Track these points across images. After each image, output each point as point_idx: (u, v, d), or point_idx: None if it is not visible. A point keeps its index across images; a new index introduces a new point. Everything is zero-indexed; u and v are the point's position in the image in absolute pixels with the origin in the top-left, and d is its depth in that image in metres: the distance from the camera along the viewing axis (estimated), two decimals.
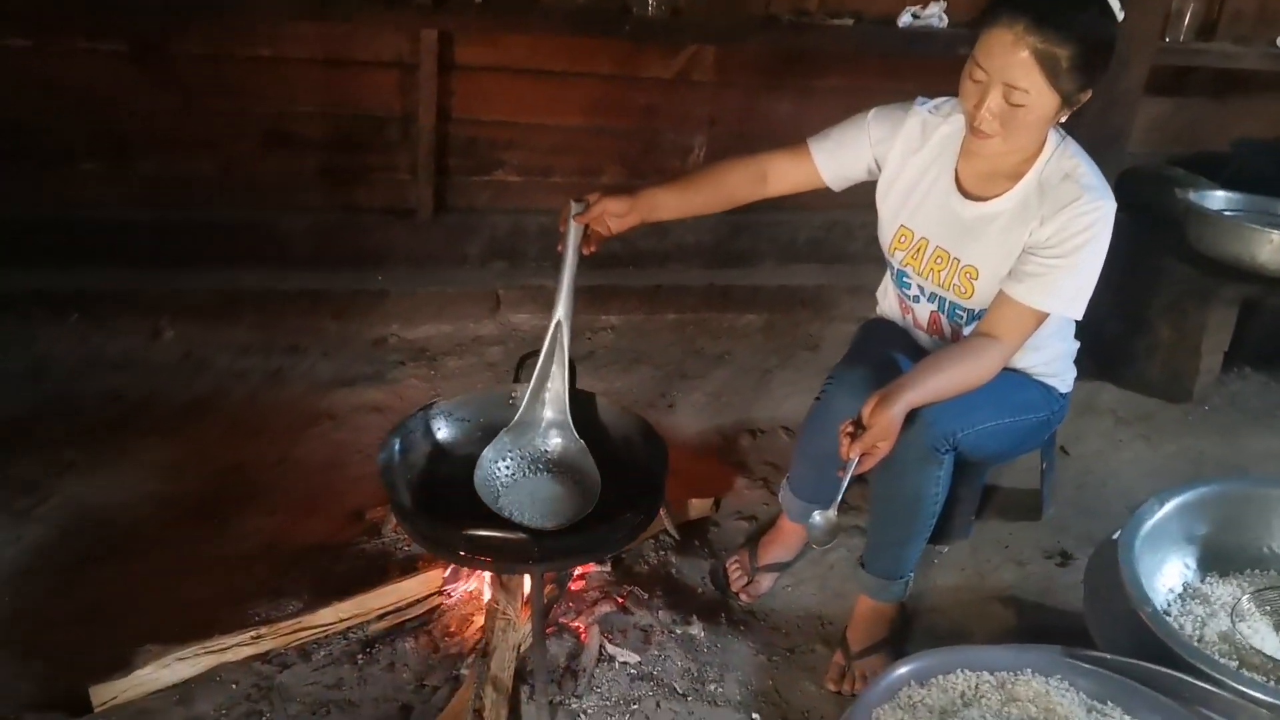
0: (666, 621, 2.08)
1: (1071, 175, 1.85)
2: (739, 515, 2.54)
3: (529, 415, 1.98)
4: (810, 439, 2.15)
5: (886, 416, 1.73)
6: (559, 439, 1.98)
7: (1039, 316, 1.85)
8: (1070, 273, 1.83)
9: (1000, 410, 1.99)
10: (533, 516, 1.85)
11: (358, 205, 3.39)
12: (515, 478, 1.94)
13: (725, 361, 3.34)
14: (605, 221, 1.95)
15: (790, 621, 2.22)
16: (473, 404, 2.09)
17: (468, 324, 3.35)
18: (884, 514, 2.03)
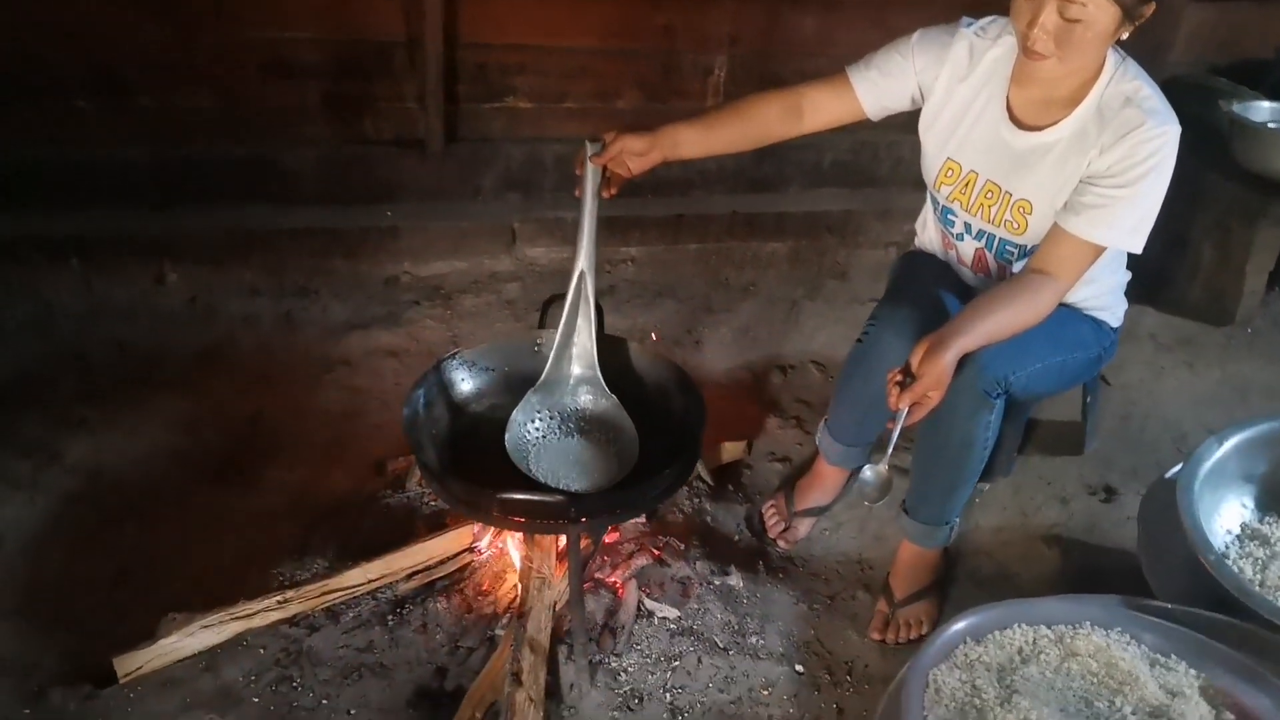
0: (704, 573, 2.04)
1: (1133, 99, 1.73)
2: (772, 456, 2.49)
3: (556, 372, 1.91)
4: (852, 383, 2.07)
5: (939, 365, 1.65)
6: (589, 396, 1.92)
7: (1096, 251, 1.76)
8: (1131, 204, 1.73)
9: (1053, 349, 1.91)
10: (568, 478, 1.79)
11: (364, 137, 3.28)
12: (547, 439, 1.88)
13: (751, 293, 3.26)
14: (624, 162, 1.85)
15: (830, 568, 2.18)
16: (497, 352, 2.03)
17: (483, 260, 3.26)
18: (932, 460, 1.97)
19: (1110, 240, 1.73)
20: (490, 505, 1.65)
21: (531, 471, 1.78)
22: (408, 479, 2.18)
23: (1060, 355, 1.92)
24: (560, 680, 1.79)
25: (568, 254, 3.27)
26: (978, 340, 1.72)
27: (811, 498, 2.29)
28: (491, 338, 2.80)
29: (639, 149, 1.83)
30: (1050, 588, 2.14)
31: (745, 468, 2.43)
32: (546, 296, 3.04)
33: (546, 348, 2.00)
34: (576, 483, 1.78)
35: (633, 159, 1.85)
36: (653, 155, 1.85)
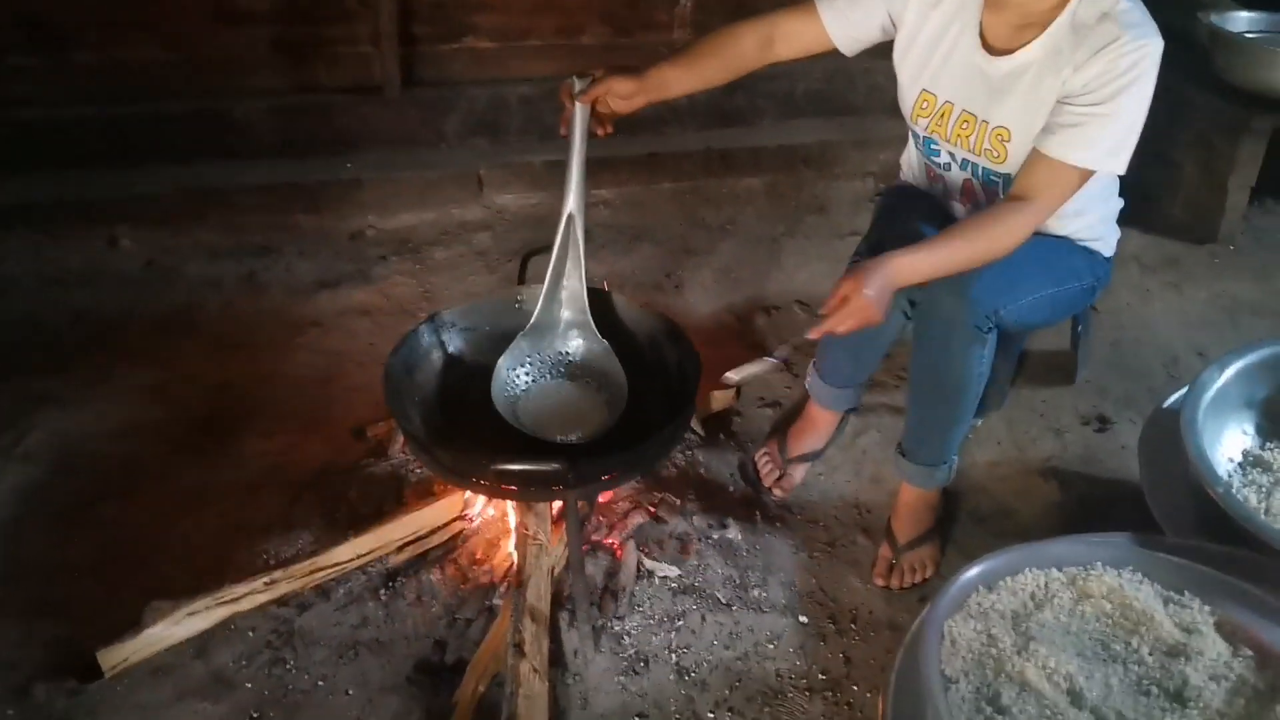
0: (702, 527, 2.01)
1: (1110, 13, 1.65)
2: (762, 402, 2.46)
3: (546, 317, 1.86)
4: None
5: (857, 300, 1.60)
6: (580, 340, 1.87)
7: (1076, 172, 1.68)
8: (1109, 122, 1.65)
9: (1045, 280, 1.87)
10: (556, 427, 1.76)
11: (319, 84, 3.17)
12: (535, 384, 1.84)
13: (730, 232, 3.20)
14: (609, 102, 1.78)
15: (828, 514, 2.16)
16: (477, 311, 1.96)
17: (450, 209, 3.18)
18: (926, 399, 1.95)
19: (1088, 161, 1.67)
20: (483, 474, 1.60)
21: (519, 420, 1.74)
22: (391, 444, 2.13)
23: (1052, 286, 1.89)
24: (564, 647, 1.76)
25: (538, 200, 3.26)
26: (922, 272, 1.66)
27: (804, 443, 2.26)
28: (467, 294, 2.77)
29: (626, 92, 1.76)
30: (1050, 522, 2.13)
31: (735, 415, 2.39)
32: (519, 245, 3.04)
33: (528, 304, 1.95)
34: (564, 432, 1.75)
35: (619, 100, 1.78)
36: (639, 98, 1.79)
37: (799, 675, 1.80)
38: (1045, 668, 1.39)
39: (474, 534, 1.91)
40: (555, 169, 3.17)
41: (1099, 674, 1.39)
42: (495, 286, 2.82)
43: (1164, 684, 1.38)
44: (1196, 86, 3.23)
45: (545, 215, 3.21)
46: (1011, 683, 1.38)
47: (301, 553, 1.90)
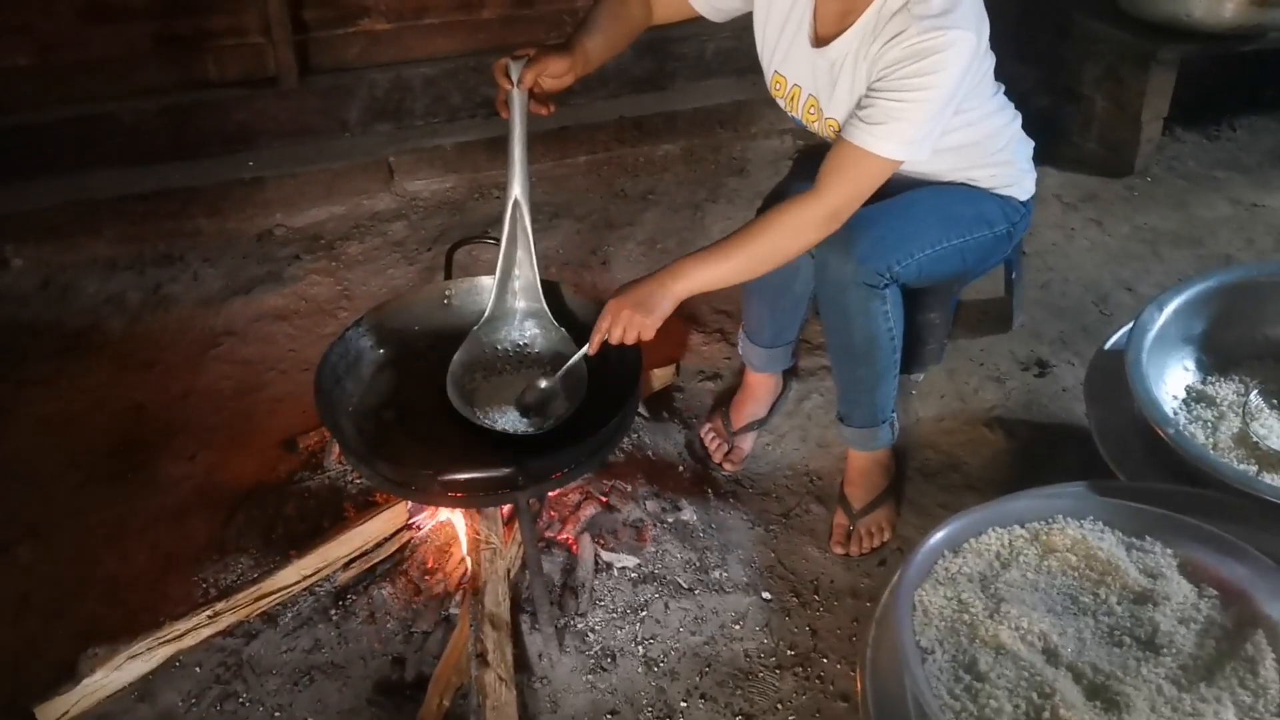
0: (656, 512, 1.99)
1: (910, 3, 1.61)
2: (702, 375, 2.44)
3: (500, 309, 1.83)
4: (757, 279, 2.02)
5: (622, 321, 1.64)
6: (537, 330, 1.84)
7: (873, 160, 1.63)
8: (905, 109, 1.60)
9: (946, 231, 1.87)
10: (514, 418, 1.73)
11: (209, 80, 3.03)
12: (491, 379, 1.80)
13: (651, 201, 3.16)
14: (543, 82, 1.73)
15: (780, 484, 2.15)
16: (404, 311, 1.90)
17: (361, 201, 3.09)
18: (844, 362, 1.95)
19: (884, 150, 1.62)
20: (429, 485, 1.55)
21: (477, 417, 1.70)
22: (325, 455, 2.06)
23: (959, 237, 1.88)
24: (527, 651, 1.73)
25: (451, 184, 3.18)
26: (702, 283, 1.66)
27: (747, 412, 2.25)
28: (388, 289, 2.70)
29: (558, 70, 1.72)
30: (1000, 471, 2.15)
31: (677, 391, 2.37)
32: (435, 233, 2.97)
33: (457, 299, 1.91)
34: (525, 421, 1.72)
35: (551, 80, 1.73)
36: (568, 77, 1.74)
37: (768, 654, 1.79)
38: (1018, 629, 1.39)
39: (423, 543, 1.86)
40: (466, 151, 3.13)
41: (1071, 629, 1.40)
42: (417, 280, 2.76)
43: (1135, 632, 1.39)
44: (1101, 20, 3.27)
45: (461, 200, 3.13)
46: (987, 648, 1.38)
47: (242, 579, 1.83)
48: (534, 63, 1.70)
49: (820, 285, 1.86)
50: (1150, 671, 1.32)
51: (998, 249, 2.01)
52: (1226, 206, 3.12)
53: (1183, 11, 3.03)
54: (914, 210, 1.85)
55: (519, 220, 1.77)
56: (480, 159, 3.15)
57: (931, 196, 1.88)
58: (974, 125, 1.81)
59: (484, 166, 3.15)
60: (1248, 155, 3.41)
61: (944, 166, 1.88)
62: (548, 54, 1.70)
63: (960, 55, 1.59)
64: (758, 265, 1.68)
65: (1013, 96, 1.95)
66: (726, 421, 2.23)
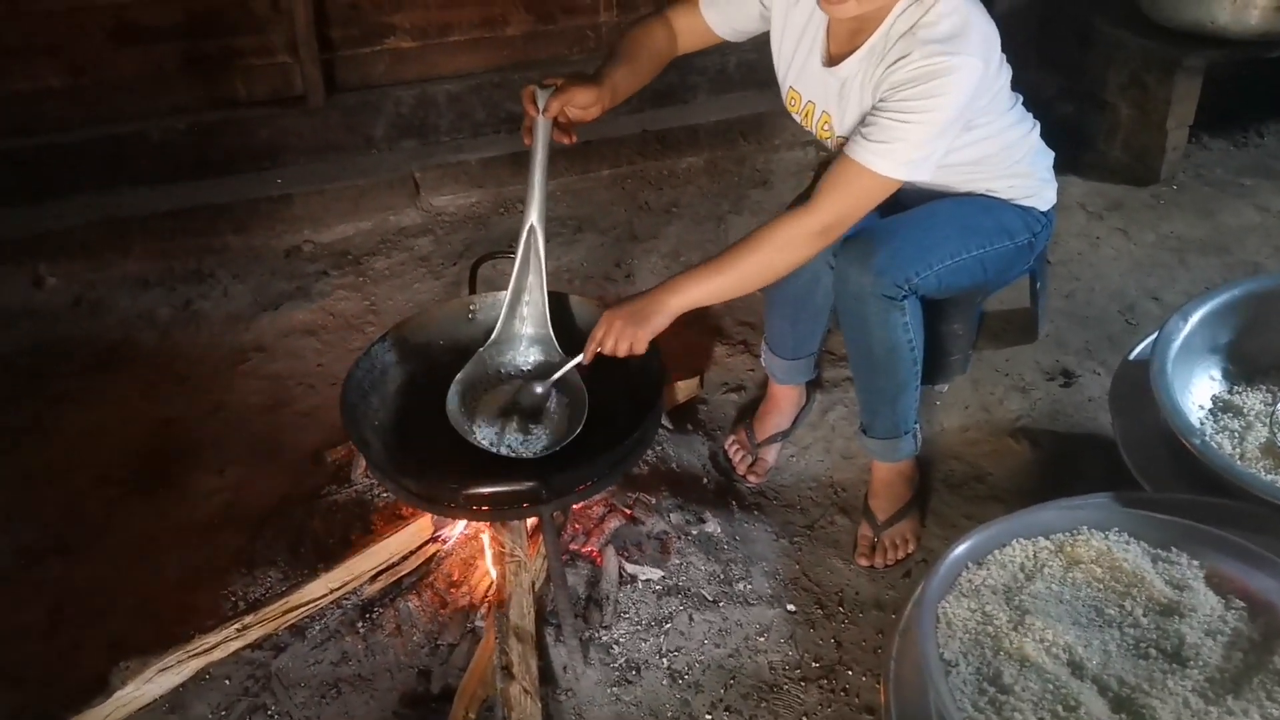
0: (680, 524, 1.99)
1: (916, 28, 1.62)
2: (726, 387, 2.44)
3: (506, 333, 1.84)
4: (775, 288, 2.06)
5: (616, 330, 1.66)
6: (540, 356, 1.85)
7: (869, 177, 1.63)
8: (905, 130, 1.60)
9: (966, 242, 1.86)
10: (516, 441, 1.73)
11: (237, 99, 3.08)
12: (494, 403, 1.80)
13: (675, 214, 3.17)
14: (569, 112, 1.76)
15: (804, 496, 2.15)
16: (429, 326, 1.92)
17: (387, 216, 3.12)
18: (865, 373, 1.96)
19: (882, 168, 1.62)
20: (454, 499, 1.56)
21: (475, 437, 1.71)
22: (352, 469, 2.08)
23: (978, 248, 1.88)
24: (552, 664, 1.73)
25: (476, 198, 3.21)
26: (695, 299, 1.67)
27: (771, 424, 2.26)
28: (414, 304, 2.72)
29: (585, 102, 1.74)
30: (1025, 482, 2.14)
31: (701, 404, 2.38)
32: (461, 247, 2.99)
33: (481, 314, 1.93)
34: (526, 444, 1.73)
35: (577, 110, 1.76)
36: (595, 108, 1.77)
37: (792, 666, 1.79)
38: (1043, 641, 1.39)
39: (448, 556, 1.88)
40: (491, 166, 3.16)
41: (1096, 641, 1.39)
42: (443, 295, 2.78)
43: (1161, 644, 1.39)
44: (1124, 27, 3.26)
45: (485, 214, 3.16)
46: (1011, 660, 1.37)
47: (270, 592, 1.85)
48: (561, 92, 1.72)
49: (840, 297, 1.86)
50: (1177, 684, 1.31)
51: (1019, 259, 2.01)
52: (1254, 214, 3.09)
53: (1208, 18, 3.02)
54: (933, 221, 1.85)
55: (533, 246, 1.79)
56: (504, 174, 3.18)
57: (951, 207, 1.89)
58: (990, 139, 1.81)
59: (508, 181, 3.18)
60: (1275, 162, 3.38)
61: (962, 178, 1.89)
62: (575, 85, 1.73)
63: (964, 81, 1.60)
64: (750, 280, 1.69)
65: (1034, 104, 1.94)
66: (750, 433, 2.24)
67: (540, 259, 1.79)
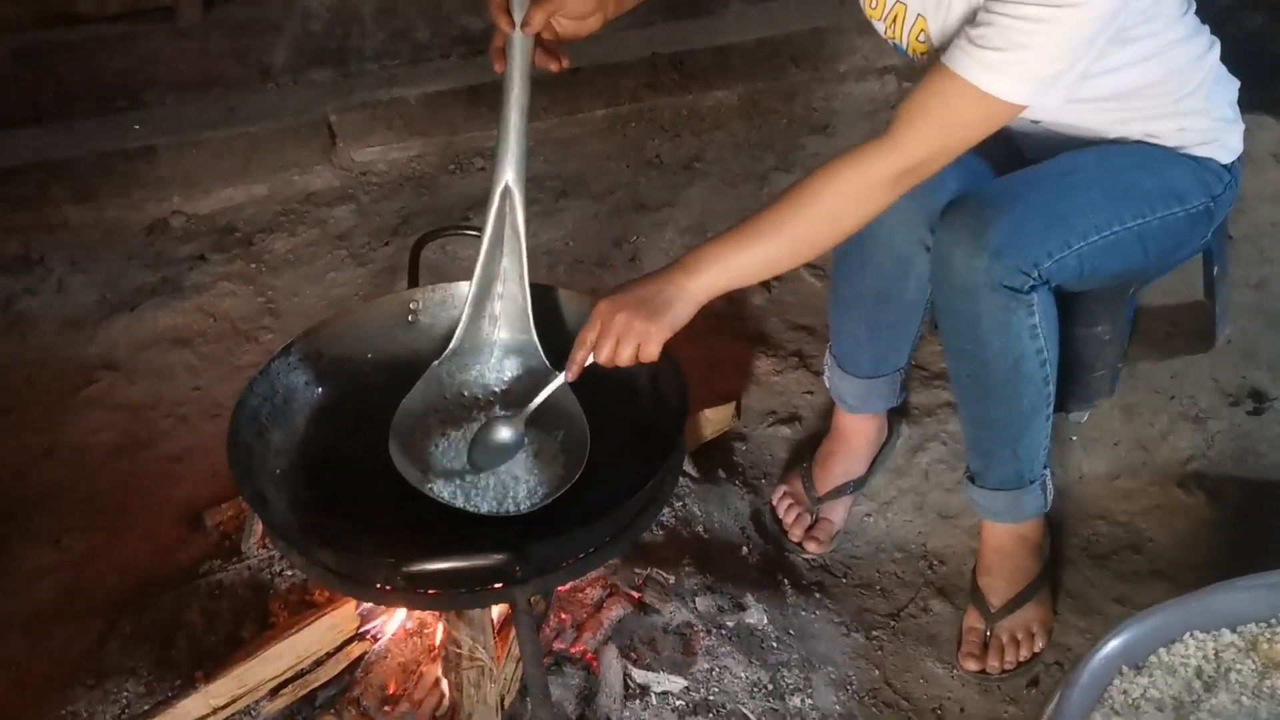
0: (709, 612, 2.00)
1: None
2: (774, 418, 2.46)
3: (471, 340, 1.85)
4: (846, 281, 2.08)
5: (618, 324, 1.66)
6: (520, 370, 1.86)
7: (972, 94, 1.62)
8: (1025, 33, 1.60)
9: (1118, 210, 1.85)
10: (490, 494, 1.74)
11: (80, 13, 3.10)
12: (456, 436, 1.82)
13: (698, 172, 3.20)
14: (558, 25, 1.77)
15: (885, 572, 2.17)
16: (353, 332, 1.93)
17: (290, 177, 3.15)
18: (975, 398, 1.96)
19: (998, 87, 1.61)
20: (390, 579, 1.57)
21: (435, 489, 1.72)
22: (244, 537, 2.08)
23: (1133, 219, 1.87)
24: None
25: (417, 151, 3.22)
26: (727, 278, 1.68)
27: (838, 469, 2.27)
28: (331, 303, 2.73)
29: (581, 9, 1.76)
30: (1203, 551, 2.15)
31: (738, 440, 2.39)
32: (396, 221, 3.01)
33: (427, 315, 1.94)
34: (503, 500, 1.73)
35: (569, 23, 1.78)
36: (593, 20, 1.79)
37: None
38: None
39: (381, 659, 1.88)
40: (438, 105, 3.18)
41: None
42: (371, 288, 2.79)
43: None
44: None
45: (430, 174, 3.19)
46: None
47: (129, 712, 1.85)
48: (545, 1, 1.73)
49: (940, 289, 1.86)
50: None
51: (1193, 233, 2.01)
52: None
53: None
54: (1071, 181, 1.85)
55: (508, 215, 1.80)
56: (457, 116, 3.20)
57: (1096, 162, 1.89)
58: (1151, 59, 1.81)
59: (462, 126, 3.20)
60: None
61: (1111, 117, 1.89)
62: None
63: None
64: (804, 246, 1.69)
65: (1209, 14, 1.95)
66: (809, 483, 2.25)
67: (520, 235, 1.80)
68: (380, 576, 1.59)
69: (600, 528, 1.64)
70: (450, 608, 1.73)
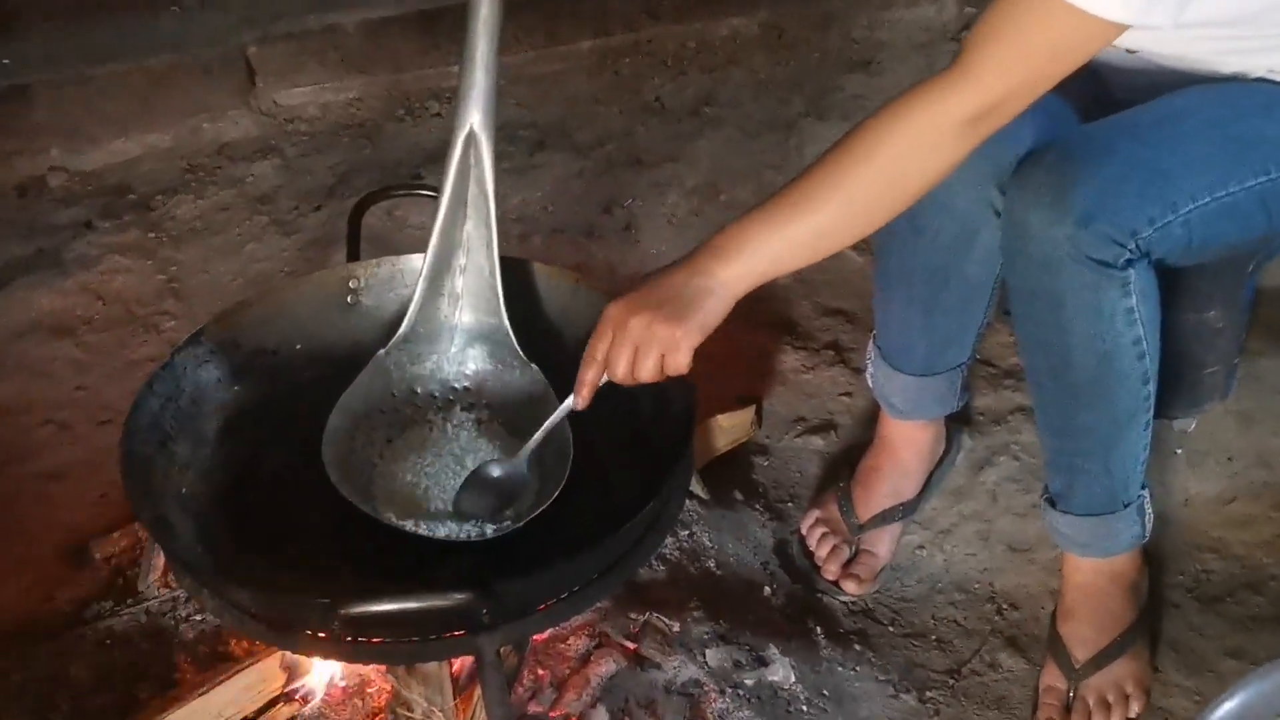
0: (723, 668, 2.00)
1: None
2: (802, 425, 2.48)
3: (426, 323, 1.87)
4: (897, 252, 2.09)
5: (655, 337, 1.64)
6: (489, 363, 1.89)
7: (1061, 14, 1.56)
8: None
9: (1236, 167, 1.84)
10: (448, 515, 1.76)
11: None
12: (404, 444, 1.86)
13: (709, 119, 3.22)
14: None
15: (943, 618, 2.18)
16: (277, 319, 1.94)
17: (199, 125, 3.17)
18: (1056, 399, 1.96)
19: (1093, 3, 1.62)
20: (324, 623, 1.56)
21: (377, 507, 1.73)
22: (141, 574, 2.09)
23: (1253, 176, 1.86)
24: None
25: (355, 94, 3.24)
26: (768, 260, 1.66)
27: (883, 490, 2.28)
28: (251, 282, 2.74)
29: None
30: None
31: (758, 455, 2.41)
32: (330, 180, 3.01)
33: (370, 295, 1.96)
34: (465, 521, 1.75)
35: None
36: None
37: None
38: None
39: None
40: (381, 36, 3.20)
41: None
42: (299, 263, 2.81)
43: None
44: None
45: (372, 122, 3.21)
46: None
47: None
48: None
49: (1013, 264, 1.86)
50: None
51: None
52: None
53: None
54: (1178, 129, 1.85)
55: (473, 169, 1.81)
56: (406, 50, 3.24)
57: (1207, 104, 1.89)
58: None
59: (413, 62, 3.23)
60: None
61: (1224, 47, 1.88)
62: None
63: None
64: (860, 217, 1.68)
65: None
66: (847, 507, 2.26)
67: (488, 194, 1.81)
68: (312, 621, 1.58)
69: (587, 561, 1.64)
70: (399, 661, 1.74)
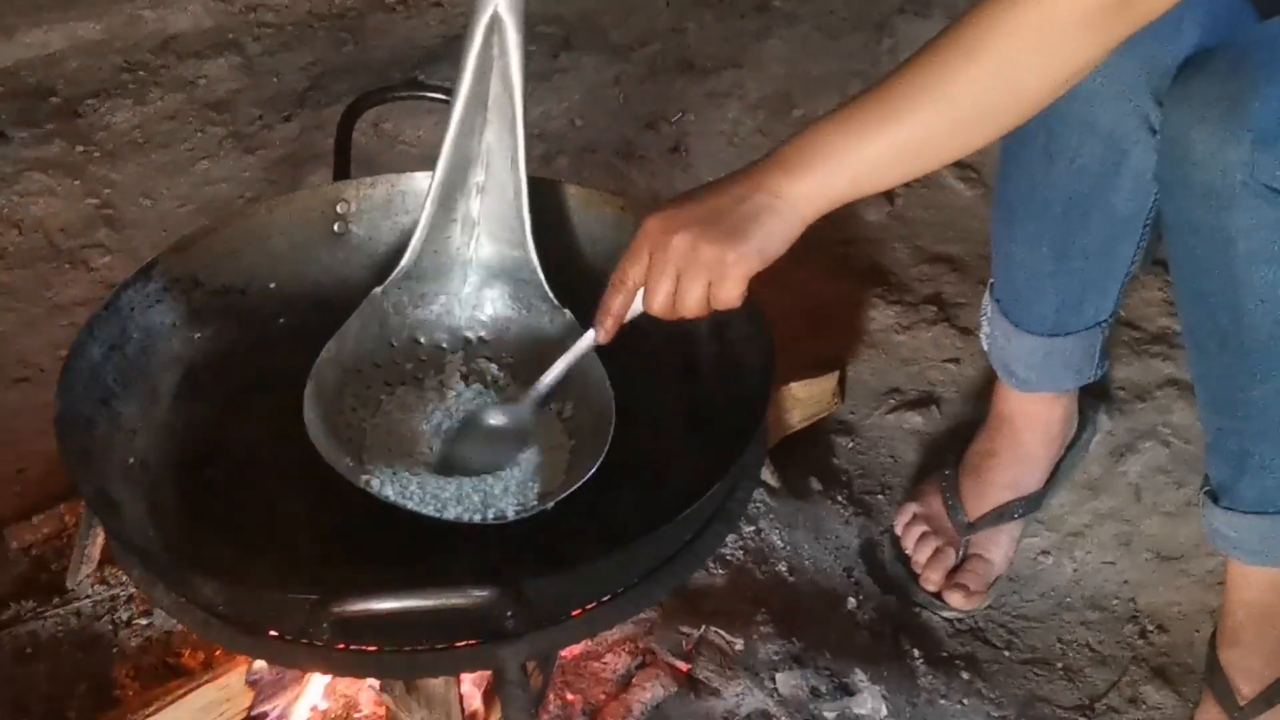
0: (797, 696, 2.02)
1: None
2: (897, 398, 2.50)
3: (434, 256, 1.89)
4: (1023, 181, 2.10)
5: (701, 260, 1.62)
6: (508, 307, 1.91)
7: None
8: None
9: None
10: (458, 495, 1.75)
11: None
12: (406, 405, 1.87)
13: (780, 15, 3.25)
14: None
15: (1073, 640, 2.20)
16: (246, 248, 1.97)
17: (139, 10, 3.19)
18: (1221, 371, 1.96)
19: None
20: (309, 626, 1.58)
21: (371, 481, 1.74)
22: (73, 566, 2.11)
23: None
24: None
25: None
26: (846, 187, 1.64)
27: (999, 481, 2.30)
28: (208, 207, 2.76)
29: None
30: None
31: (840, 433, 2.43)
32: (305, 81, 3.02)
33: (363, 223, 1.98)
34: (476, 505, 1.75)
35: None
36: None
37: None
38: None
39: None
40: None
41: None
42: (266, 184, 2.84)
43: None
44: None
45: (354, 10, 3.23)
46: None
47: None
48: None
49: (1172, 195, 1.87)
50: None
51: None
52: None
53: None
54: None
55: (495, 64, 1.82)
56: None
57: None
58: None
59: None
60: None
61: None
62: None
63: None
64: (968, 127, 1.65)
65: None
66: (953, 502, 2.28)
67: (515, 96, 1.82)
68: (291, 623, 1.58)
69: (633, 558, 1.65)
70: (398, 675, 1.75)
